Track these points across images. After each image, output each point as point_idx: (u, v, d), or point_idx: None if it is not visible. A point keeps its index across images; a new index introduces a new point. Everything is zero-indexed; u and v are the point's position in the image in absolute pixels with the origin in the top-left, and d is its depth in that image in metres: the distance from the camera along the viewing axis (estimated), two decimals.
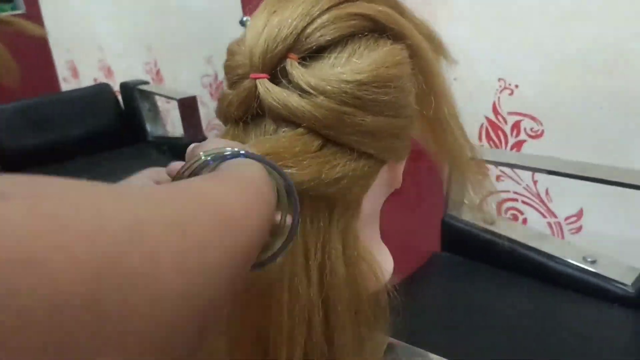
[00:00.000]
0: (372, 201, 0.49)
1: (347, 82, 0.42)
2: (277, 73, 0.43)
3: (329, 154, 0.43)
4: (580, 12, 1.24)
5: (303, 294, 0.43)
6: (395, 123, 0.46)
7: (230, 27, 1.97)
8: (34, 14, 3.13)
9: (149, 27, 2.61)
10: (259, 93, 0.43)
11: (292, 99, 0.42)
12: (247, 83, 0.44)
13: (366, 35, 0.45)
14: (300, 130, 0.43)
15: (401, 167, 0.51)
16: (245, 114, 0.45)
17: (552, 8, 1.28)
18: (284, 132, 0.43)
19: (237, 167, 0.35)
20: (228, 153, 0.36)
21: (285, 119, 0.43)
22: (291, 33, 0.43)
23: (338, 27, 0.43)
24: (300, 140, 0.42)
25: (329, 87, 0.42)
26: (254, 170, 0.35)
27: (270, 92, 0.42)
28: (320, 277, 0.44)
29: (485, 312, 1.05)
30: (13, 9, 3.23)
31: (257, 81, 0.43)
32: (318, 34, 0.43)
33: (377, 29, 0.46)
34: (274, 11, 0.44)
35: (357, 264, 0.47)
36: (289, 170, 0.41)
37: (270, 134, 0.44)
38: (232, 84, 0.46)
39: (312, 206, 0.44)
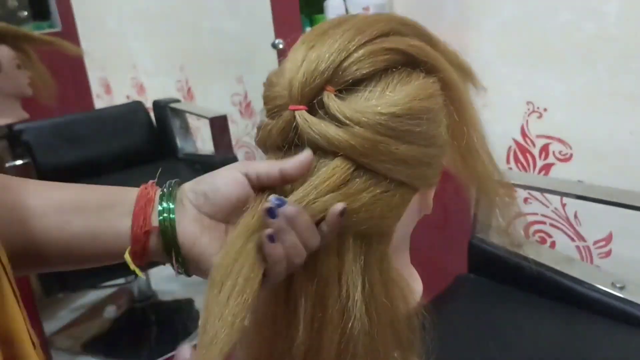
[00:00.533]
0: (404, 227, 0.51)
1: (382, 114, 0.44)
2: (314, 105, 0.45)
3: (362, 183, 0.45)
4: (606, 36, 1.24)
5: (350, 320, 0.45)
6: (427, 152, 0.47)
7: (261, 49, 2.01)
8: (71, 32, 3.22)
9: (182, 47, 2.67)
10: (297, 124, 0.45)
11: (330, 129, 0.44)
12: (286, 114, 0.46)
13: (399, 69, 0.47)
14: (335, 162, 0.45)
15: (432, 193, 0.53)
16: (283, 143, 0.47)
17: (578, 33, 1.29)
18: (321, 163, 0.46)
19: None
20: None
21: (323, 148, 0.45)
22: (329, 67, 0.45)
23: (373, 61, 0.46)
24: (334, 174, 0.45)
25: (364, 119, 0.44)
26: None
27: (308, 123, 0.44)
28: (364, 303, 0.46)
29: (511, 335, 1.05)
30: (50, 27, 3.33)
31: (296, 112, 0.45)
32: (354, 67, 0.45)
33: (410, 63, 0.48)
34: (312, 46, 0.46)
35: (391, 288, 0.48)
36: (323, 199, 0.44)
37: None
38: (271, 114, 0.48)
39: (349, 240, 0.46)
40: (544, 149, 1.43)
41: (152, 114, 2.51)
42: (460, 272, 1.25)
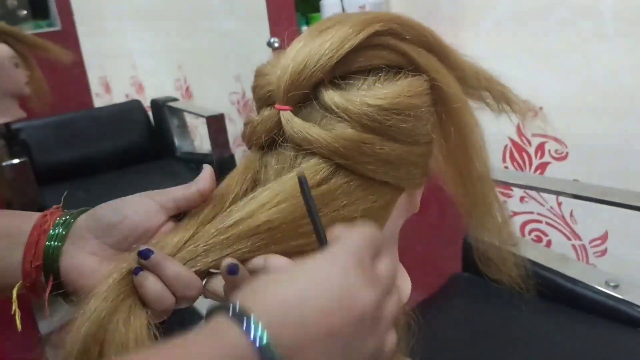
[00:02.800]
0: (390, 227, 0.50)
1: (369, 105, 0.44)
2: (306, 94, 0.46)
3: (343, 185, 0.45)
4: (601, 35, 1.24)
5: None
6: (413, 150, 0.47)
7: (258, 47, 2.01)
8: (70, 31, 3.22)
9: (181, 46, 2.67)
10: (281, 123, 0.45)
11: (312, 131, 0.44)
12: (271, 113, 0.46)
13: (391, 66, 0.47)
14: (313, 161, 0.45)
15: (419, 193, 0.53)
16: (268, 140, 0.47)
17: (574, 31, 1.28)
18: (302, 161, 0.46)
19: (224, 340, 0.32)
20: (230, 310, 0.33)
21: (305, 148, 0.45)
22: (317, 64, 0.45)
23: (366, 57, 0.46)
24: (314, 174, 0.45)
25: (351, 107, 0.44)
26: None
27: (290, 123, 0.45)
28: None
29: (504, 333, 1.05)
30: (49, 25, 3.33)
31: (281, 112, 0.45)
32: (348, 60, 0.46)
33: (401, 62, 0.48)
34: (309, 41, 0.46)
35: None
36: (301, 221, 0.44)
37: (290, 161, 0.46)
38: (260, 105, 0.49)
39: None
40: (540, 148, 1.43)
41: (150, 113, 2.52)
42: (454, 271, 1.25)
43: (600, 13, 1.24)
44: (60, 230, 0.46)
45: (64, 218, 0.47)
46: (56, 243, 0.45)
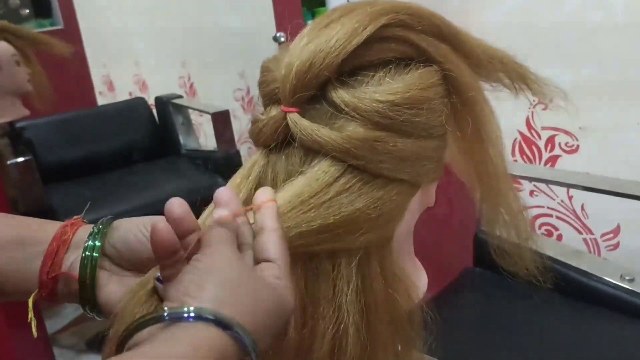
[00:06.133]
0: (406, 222, 0.49)
1: (380, 101, 0.42)
2: (315, 94, 0.44)
3: (358, 189, 0.44)
4: (612, 26, 1.22)
5: (343, 316, 0.44)
6: (428, 144, 0.46)
7: (263, 43, 2.00)
8: (73, 30, 3.22)
9: (184, 43, 2.66)
10: (288, 124, 0.44)
11: (321, 133, 0.43)
12: (278, 114, 0.45)
13: (401, 58, 0.45)
14: (324, 165, 0.43)
15: (434, 187, 0.51)
16: (275, 141, 0.46)
17: (584, 23, 1.27)
18: (312, 161, 0.44)
19: (192, 339, 0.32)
20: (191, 315, 0.33)
21: (314, 149, 0.44)
22: (324, 63, 0.43)
23: (374, 50, 0.44)
24: (323, 181, 0.43)
25: (361, 105, 0.42)
26: (211, 345, 0.32)
27: (298, 125, 0.43)
28: (359, 298, 0.44)
29: (517, 328, 1.03)
30: (52, 24, 3.32)
31: (287, 115, 0.44)
32: (356, 55, 0.44)
33: (412, 54, 0.46)
34: (315, 35, 0.44)
35: (393, 283, 0.47)
36: (313, 222, 0.42)
37: (299, 162, 0.45)
38: (267, 102, 0.47)
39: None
40: (550, 141, 1.42)
41: (154, 110, 2.51)
42: (466, 266, 1.24)
43: (611, 4, 1.22)
44: (97, 242, 0.47)
45: (95, 229, 0.48)
46: (94, 254, 0.47)
